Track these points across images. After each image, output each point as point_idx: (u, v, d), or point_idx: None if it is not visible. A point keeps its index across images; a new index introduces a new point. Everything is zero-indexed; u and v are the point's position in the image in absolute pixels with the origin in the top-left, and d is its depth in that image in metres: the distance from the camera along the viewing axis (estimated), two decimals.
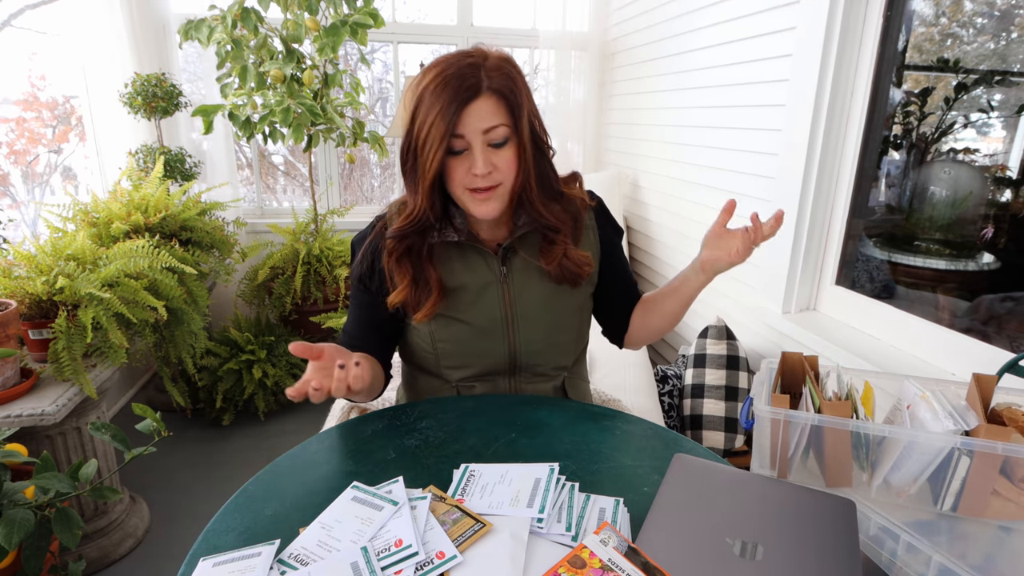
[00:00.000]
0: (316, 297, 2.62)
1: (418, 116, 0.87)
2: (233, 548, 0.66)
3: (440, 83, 0.86)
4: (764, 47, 1.75)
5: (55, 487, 1.21)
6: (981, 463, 0.74)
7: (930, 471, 0.79)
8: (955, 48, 1.44)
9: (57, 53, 3.24)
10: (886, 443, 0.83)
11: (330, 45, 2.23)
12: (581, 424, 0.93)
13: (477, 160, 0.88)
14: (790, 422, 0.82)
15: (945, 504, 0.78)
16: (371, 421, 0.96)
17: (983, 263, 1.41)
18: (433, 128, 0.85)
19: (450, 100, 0.85)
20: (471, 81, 0.85)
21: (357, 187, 4.27)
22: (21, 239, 1.72)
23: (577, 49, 2.91)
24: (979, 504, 0.75)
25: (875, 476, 0.83)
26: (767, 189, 1.77)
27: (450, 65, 0.87)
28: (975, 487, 0.75)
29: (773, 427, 0.83)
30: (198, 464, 2.16)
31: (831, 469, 0.83)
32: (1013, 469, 0.74)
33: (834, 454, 0.82)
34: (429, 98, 0.86)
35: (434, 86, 0.86)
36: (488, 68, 0.87)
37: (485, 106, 0.86)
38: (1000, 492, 0.75)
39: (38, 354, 1.60)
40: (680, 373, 2.04)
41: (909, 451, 0.80)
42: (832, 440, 0.81)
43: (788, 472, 0.86)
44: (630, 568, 0.60)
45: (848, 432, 0.81)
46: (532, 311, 1.02)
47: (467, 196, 0.92)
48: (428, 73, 0.88)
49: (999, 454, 0.73)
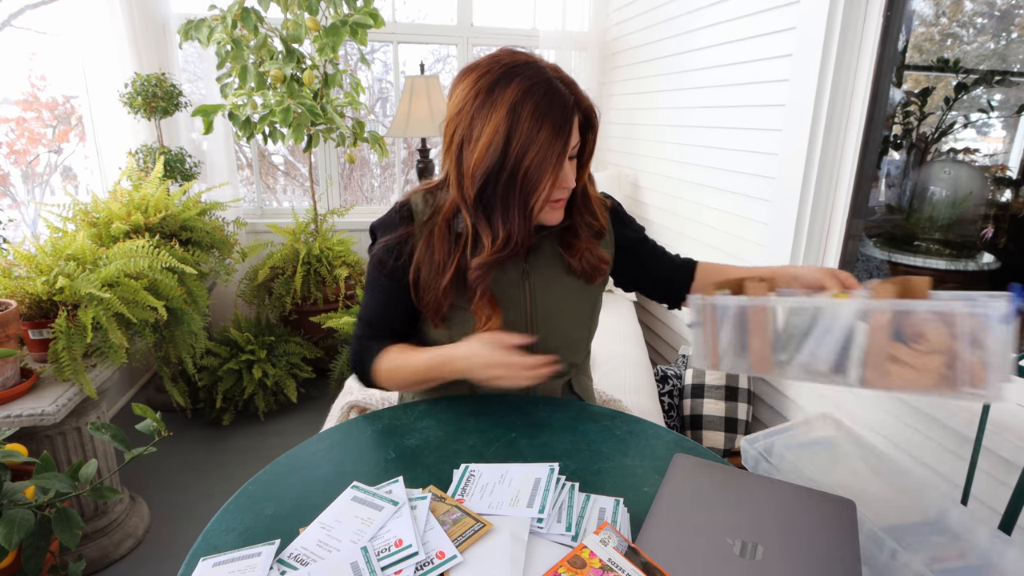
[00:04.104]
0: (316, 297, 2.63)
1: (515, 137, 0.83)
2: (233, 548, 0.66)
3: (541, 102, 0.83)
4: (764, 47, 1.75)
5: (55, 487, 1.21)
6: (876, 325, 0.75)
7: (836, 345, 0.80)
8: (955, 48, 1.45)
9: (57, 53, 3.24)
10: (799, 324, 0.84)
11: (330, 45, 2.23)
12: (581, 424, 0.93)
13: (569, 175, 0.90)
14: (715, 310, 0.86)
15: (851, 377, 0.78)
16: (371, 421, 0.96)
17: (983, 263, 1.41)
18: (546, 153, 0.84)
19: (560, 123, 0.84)
20: (568, 102, 0.86)
21: (357, 187, 4.27)
22: (21, 239, 1.72)
23: (577, 49, 2.91)
24: (880, 372, 0.75)
25: (792, 358, 0.84)
26: (767, 189, 1.77)
27: (537, 81, 0.84)
28: (874, 355, 0.76)
29: (703, 315, 0.88)
30: (198, 464, 2.16)
31: (755, 353, 0.86)
32: (905, 331, 0.74)
33: (756, 337, 0.85)
34: (531, 119, 0.83)
35: (533, 106, 0.83)
36: (565, 82, 0.88)
37: (575, 127, 0.88)
38: (897, 357, 0.75)
39: (38, 354, 1.60)
40: (680, 373, 2.04)
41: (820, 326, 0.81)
42: (754, 324, 0.85)
43: (719, 363, 0.89)
44: (630, 568, 0.60)
45: (767, 314, 0.83)
46: (554, 308, 1.03)
47: (547, 207, 0.93)
48: (510, 85, 0.84)
49: (888, 318, 0.74)
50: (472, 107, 0.86)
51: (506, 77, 0.85)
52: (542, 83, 0.84)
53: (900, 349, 0.74)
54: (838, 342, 0.79)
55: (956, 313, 0.70)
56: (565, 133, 0.85)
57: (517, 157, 0.84)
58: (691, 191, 2.23)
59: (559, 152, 0.85)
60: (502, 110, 0.83)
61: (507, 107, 0.83)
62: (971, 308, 0.69)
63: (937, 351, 0.72)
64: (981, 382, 0.69)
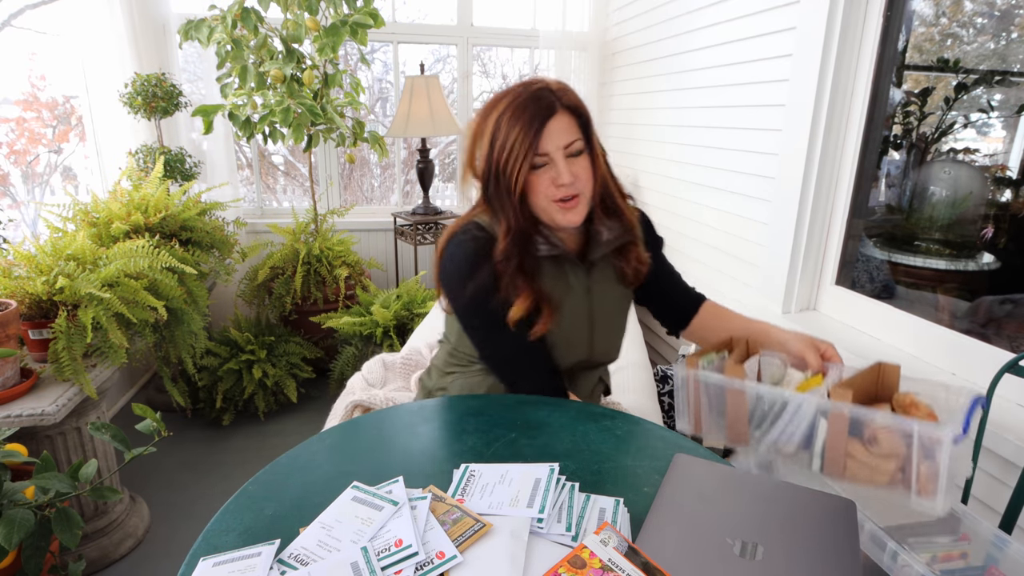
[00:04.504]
0: (316, 297, 2.63)
1: (497, 140, 0.94)
2: (233, 548, 0.66)
3: (517, 107, 0.93)
4: (764, 47, 1.75)
5: (55, 487, 1.21)
6: (834, 422, 0.79)
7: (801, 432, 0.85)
8: (955, 48, 1.45)
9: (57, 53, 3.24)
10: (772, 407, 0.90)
11: (330, 45, 2.23)
12: (581, 424, 0.93)
13: (562, 171, 0.94)
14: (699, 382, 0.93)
15: (814, 465, 0.83)
16: (371, 421, 0.96)
17: (983, 263, 1.41)
18: (516, 147, 0.92)
19: (530, 120, 0.92)
20: (546, 101, 0.93)
21: (357, 187, 4.27)
22: (21, 239, 1.72)
23: (577, 49, 2.91)
24: (838, 466, 0.80)
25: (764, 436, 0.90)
26: (767, 189, 1.77)
27: (519, 93, 0.94)
28: (832, 447, 0.81)
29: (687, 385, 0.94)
30: (198, 464, 2.16)
31: (731, 427, 0.92)
32: (863, 432, 0.78)
33: (734, 413, 0.91)
34: (508, 122, 0.93)
35: (511, 111, 0.93)
36: (556, 90, 0.95)
37: (561, 123, 0.94)
38: (852, 454, 0.79)
39: (38, 354, 1.60)
40: None
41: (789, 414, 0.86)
42: (732, 401, 0.90)
43: (701, 428, 0.96)
44: (630, 568, 0.60)
45: (744, 394, 0.90)
46: (609, 316, 1.10)
47: (553, 207, 0.97)
48: (498, 103, 0.95)
49: (846, 415, 0.78)
50: (476, 131, 0.98)
51: (500, 98, 0.96)
52: (524, 94, 0.94)
53: (857, 447, 0.79)
54: (803, 432, 0.85)
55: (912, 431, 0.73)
56: (537, 124, 0.92)
57: (497, 156, 0.94)
58: (691, 191, 2.23)
59: (530, 141, 0.92)
60: (491, 124, 0.95)
61: (494, 120, 0.95)
62: (925, 429, 0.71)
63: (891, 455, 0.76)
64: (928, 494, 0.72)
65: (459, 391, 1.12)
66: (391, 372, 1.65)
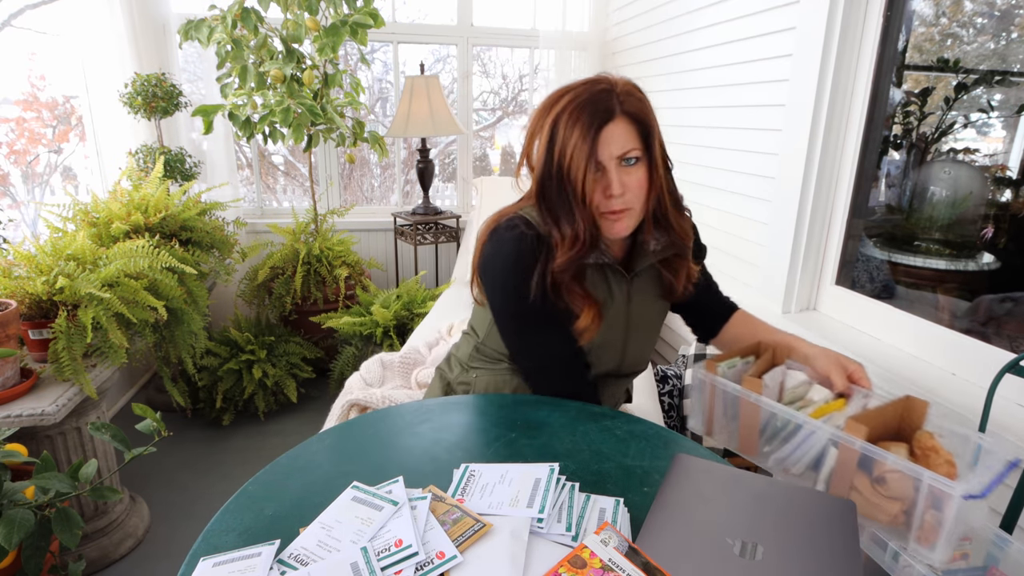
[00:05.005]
0: (316, 297, 2.63)
1: (556, 141, 0.89)
2: (233, 548, 0.66)
3: (575, 108, 0.88)
4: (764, 47, 1.75)
5: (55, 487, 1.21)
6: (843, 455, 0.80)
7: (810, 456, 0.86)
8: (955, 48, 1.44)
9: (57, 53, 3.24)
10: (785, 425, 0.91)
11: (330, 45, 2.23)
12: (581, 424, 0.93)
13: (612, 182, 0.90)
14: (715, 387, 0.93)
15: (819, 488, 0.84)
16: (371, 421, 0.96)
17: (983, 263, 1.41)
18: (575, 152, 0.88)
19: (588, 124, 0.87)
20: (605, 105, 0.88)
21: (357, 187, 4.27)
22: (21, 239, 1.72)
23: (577, 49, 2.91)
24: (842, 495, 0.80)
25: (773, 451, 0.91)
26: (767, 189, 1.77)
27: (581, 92, 0.90)
28: (839, 478, 0.81)
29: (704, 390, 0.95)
30: (198, 464, 2.16)
31: (743, 437, 0.93)
32: (871, 469, 0.78)
33: (746, 424, 0.92)
34: (566, 124, 0.88)
35: (568, 112, 0.88)
36: (619, 93, 0.90)
37: (618, 129, 0.89)
38: (857, 488, 0.79)
39: (38, 354, 1.60)
40: (680, 373, 2.04)
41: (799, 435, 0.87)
42: (745, 411, 0.91)
43: (713, 432, 0.97)
44: (631, 568, 0.60)
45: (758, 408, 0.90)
46: (645, 326, 1.08)
47: (600, 217, 0.94)
48: (559, 100, 0.90)
49: (856, 450, 0.78)
50: (534, 126, 0.94)
51: (563, 94, 0.91)
52: (585, 93, 0.89)
53: (864, 482, 0.79)
54: (811, 457, 0.85)
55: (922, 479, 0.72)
56: (594, 130, 0.87)
57: (559, 159, 0.89)
58: (691, 191, 2.23)
59: (589, 148, 0.87)
60: (549, 120, 0.90)
61: (553, 117, 0.90)
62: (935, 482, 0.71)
63: (897, 498, 0.76)
64: (927, 543, 0.72)
65: (484, 389, 1.09)
66: (389, 371, 1.65)
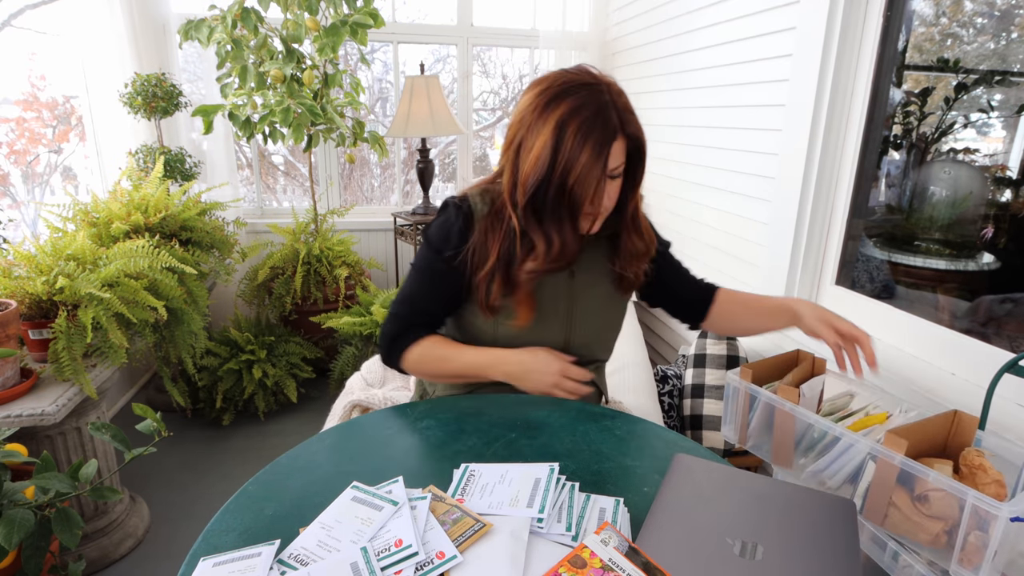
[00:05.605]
0: (316, 297, 2.63)
1: (562, 153, 0.88)
2: (233, 548, 0.66)
3: (584, 123, 0.87)
4: (764, 47, 1.75)
5: (55, 487, 1.21)
6: (882, 470, 0.78)
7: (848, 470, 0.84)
8: (955, 48, 1.44)
9: (57, 53, 3.24)
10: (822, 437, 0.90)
11: (330, 45, 2.23)
12: (581, 424, 0.93)
13: (604, 194, 0.92)
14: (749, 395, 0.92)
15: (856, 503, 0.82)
16: (371, 421, 0.96)
17: (983, 263, 1.41)
18: (585, 171, 0.88)
19: (599, 144, 0.87)
20: (612, 124, 0.89)
21: (357, 187, 4.27)
22: (21, 239, 1.72)
23: (577, 49, 2.91)
24: (879, 511, 0.78)
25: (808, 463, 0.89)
26: (767, 189, 1.77)
27: (584, 101, 0.88)
28: (877, 493, 0.79)
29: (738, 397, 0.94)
30: (198, 464, 2.16)
31: (776, 448, 0.91)
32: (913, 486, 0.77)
33: (780, 435, 0.90)
34: (574, 137, 0.87)
35: (577, 125, 0.87)
36: (620, 108, 0.90)
37: (618, 148, 0.91)
38: (897, 504, 0.77)
39: (38, 354, 1.60)
40: (680, 373, 2.04)
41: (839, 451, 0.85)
42: (780, 422, 0.90)
43: (746, 440, 0.96)
44: (631, 568, 0.60)
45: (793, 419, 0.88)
46: (592, 307, 1.07)
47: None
48: (558, 103, 0.88)
49: (896, 465, 0.76)
50: (530, 118, 0.91)
51: (562, 95, 0.89)
52: (591, 105, 0.88)
53: (904, 499, 0.76)
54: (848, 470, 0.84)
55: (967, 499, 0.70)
56: (604, 154, 0.88)
57: (563, 173, 0.88)
58: (691, 191, 2.23)
59: (599, 173, 0.88)
60: (551, 125, 0.88)
61: (555, 122, 0.88)
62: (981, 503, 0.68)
63: (939, 518, 0.73)
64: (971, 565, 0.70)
65: (443, 392, 1.14)
66: (390, 372, 1.65)
